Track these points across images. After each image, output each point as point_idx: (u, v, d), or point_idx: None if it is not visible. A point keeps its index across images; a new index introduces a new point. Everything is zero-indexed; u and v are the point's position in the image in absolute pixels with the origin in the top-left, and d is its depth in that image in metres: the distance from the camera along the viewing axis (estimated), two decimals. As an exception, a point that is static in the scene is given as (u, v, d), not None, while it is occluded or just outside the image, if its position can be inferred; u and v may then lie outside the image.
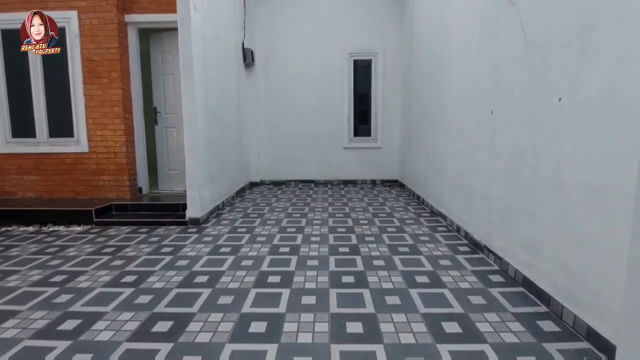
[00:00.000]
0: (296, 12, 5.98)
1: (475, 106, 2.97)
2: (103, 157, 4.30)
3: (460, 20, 3.34)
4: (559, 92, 1.90)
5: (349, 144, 6.22)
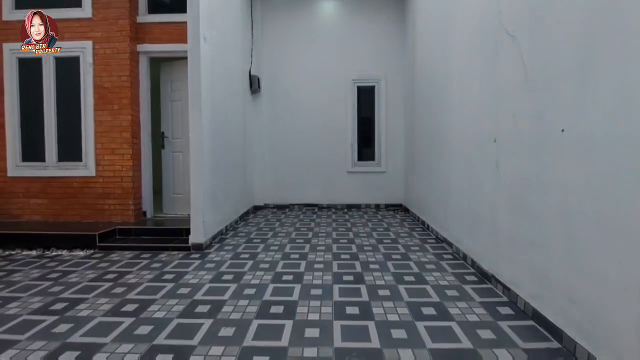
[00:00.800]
0: (301, 40, 6.19)
1: (477, 134, 3.00)
2: (109, 181, 4.35)
3: (460, 50, 3.43)
4: (561, 123, 1.91)
5: (352, 169, 6.25)
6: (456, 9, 3.53)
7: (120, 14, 4.34)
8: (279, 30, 6.21)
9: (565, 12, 1.90)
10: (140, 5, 4.58)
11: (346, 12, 6.19)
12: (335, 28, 6.20)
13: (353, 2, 6.16)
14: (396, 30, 6.11)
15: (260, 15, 6.13)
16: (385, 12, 6.13)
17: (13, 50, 4.45)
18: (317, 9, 6.21)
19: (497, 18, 2.65)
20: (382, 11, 6.14)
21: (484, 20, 2.88)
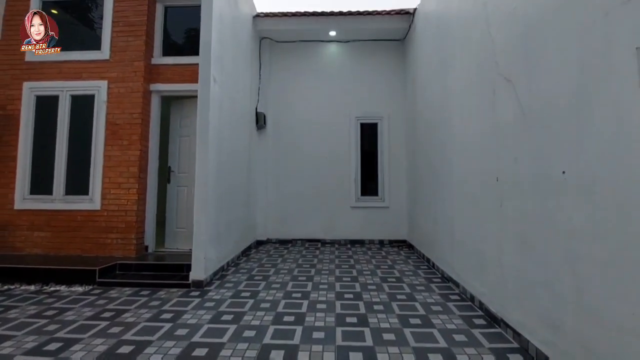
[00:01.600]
0: (307, 80, 6.46)
1: (479, 172, 3.03)
2: (114, 215, 4.37)
3: (459, 91, 3.55)
4: (562, 165, 1.94)
5: (356, 204, 6.25)
6: (454, 54, 3.71)
7: (136, 57, 4.60)
8: (286, 69, 6.51)
9: (558, 60, 1.99)
10: (156, 48, 4.87)
11: (349, 54, 6.51)
12: (339, 68, 6.50)
13: (356, 45, 6.50)
14: (397, 70, 6.39)
15: (268, 55, 6.46)
16: (387, 54, 6.45)
17: (32, 89, 4.68)
18: (322, 50, 6.55)
19: (494, 63, 2.78)
20: (384, 53, 6.46)
21: (481, 65, 3.01)
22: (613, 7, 1.60)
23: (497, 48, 2.74)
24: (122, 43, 4.64)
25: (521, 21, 2.39)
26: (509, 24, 2.55)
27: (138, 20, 4.66)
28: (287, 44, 6.53)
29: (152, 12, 4.83)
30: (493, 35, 2.81)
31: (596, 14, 1.70)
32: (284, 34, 6.31)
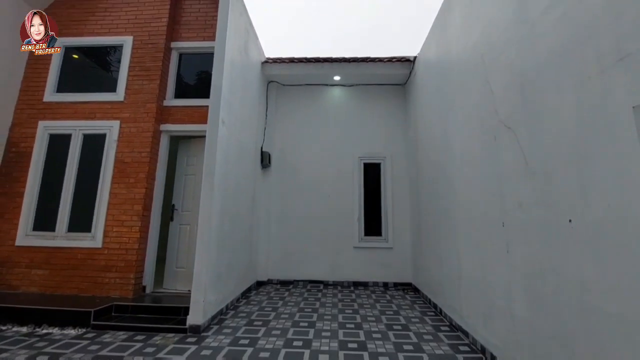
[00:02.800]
0: (311, 120, 6.66)
1: (484, 216, 3.01)
2: (114, 254, 4.32)
3: (461, 135, 3.63)
4: (567, 213, 1.93)
5: (359, 244, 6.15)
6: (454, 100, 3.85)
7: (149, 99, 4.81)
8: (291, 111, 6.74)
9: (556, 112, 2.06)
10: (168, 91, 5.09)
11: (353, 97, 6.77)
12: (343, 110, 6.72)
13: (359, 89, 6.77)
14: (399, 113, 6.59)
15: (274, 97, 6.73)
16: (389, 97, 6.69)
17: (47, 127, 4.85)
18: (327, 93, 6.82)
19: (493, 110, 2.87)
20: (386, 96, 6.70)
21: (481, 111, 3.11)
22: (607, 66, 1.68)
23: (496, 96, 2.84)
24: (137, 86, 4.88)
25: (518, 73, 2.50)
26: (507, 75, 2.67)
27: (154, 66, 4.93)
28: (293, 87, 6.82)
29: (168, 58, 5.12)
30: (492, 85, 2.93)
31: (591, 70, 1.79)
32: (290, 78, 6.61)
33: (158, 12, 5.15)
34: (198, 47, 5.21)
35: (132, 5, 5.22)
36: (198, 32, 5.25)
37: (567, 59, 1.97)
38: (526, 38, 2.40)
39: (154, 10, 5.16)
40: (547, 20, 2.16)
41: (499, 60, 2.81)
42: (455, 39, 3.89)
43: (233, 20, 4.37)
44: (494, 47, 2.89)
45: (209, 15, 5.24)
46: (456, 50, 3.84)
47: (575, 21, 1.91)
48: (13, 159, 4.73)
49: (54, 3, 5.35)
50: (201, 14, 5.30)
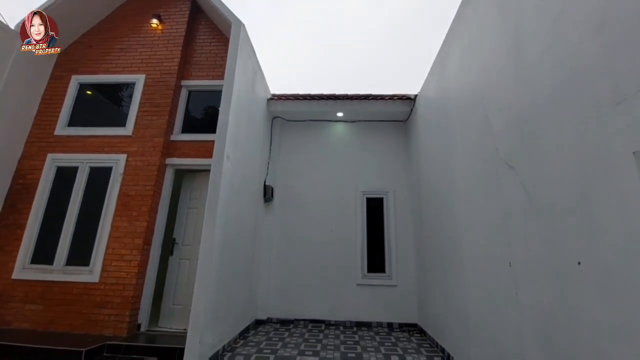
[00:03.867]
0: (314, 155, 6.75)
1: (490, 255, 2.94)
2: (111, 289, 4.21)
3: (463, 172, 3.64)
4: (576, 255, 1.88)
5: (362, 281, 5.97)
6: (455, 137, 3.91)
7: (157, 133, 4.94)
8: (295, 145, 6.86)
9: (557, 153, 2.07)
10: (176, 126, 5.24)
11: (356, 132, 6.90)
12: (345, 145, 6.83)
13: (361, 124, 6.93)
14: (401, 148, 6.68)
15: (279, 132, 6.88)
16: (391, 133, 6.81)
17: (55, 159, 4.95)
18: (330, 129, 6.97)
19: (494, 149, 2.90)
20: (388, 132, 6.83)
21: (482, 150, 3.15)
22: (605, 109, 1.72)
23: (497, 135, 2.89)
24: (146, 121, 5.03)
25: (517, 114, 2.56)
26: (506, 115, 2.73)
27: (163, 102, 5.12)
28: (297, 123, 6.99)
29: (177, 95, 5.32)
30: (491, 123, 2.99)
31: (590, 113, 1.83)
32: (294, 114, 6.80)
33: (171, 52, 5.44)
34: (207, 85, 5.43)
35: (146, 46, 5.52)
36: (207, 71, 5.49)
37: (565, 101, 2.02)
38: (523, 80, 2.48)
39: (167, 51, 5.45)
40: (543, 65, 2.25)
41: (497, 100, 2.89)
42: (454, 79, 4.03)
43: (241, 62, 4.58)
44: (492, 88, 2.99)
45: (219, 56, 5.51)
46: (455, 89, 3.96)
47: (571, 66, 1.99)
48: (19, 190, 4.77)
49: (73, 43, 5.68)
50: (211, 55, 5.58)
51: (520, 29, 2.56)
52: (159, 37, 5.57)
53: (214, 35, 5.72)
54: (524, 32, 2.50)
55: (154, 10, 5.68)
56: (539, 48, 2.30)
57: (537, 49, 2.33)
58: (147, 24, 5.64)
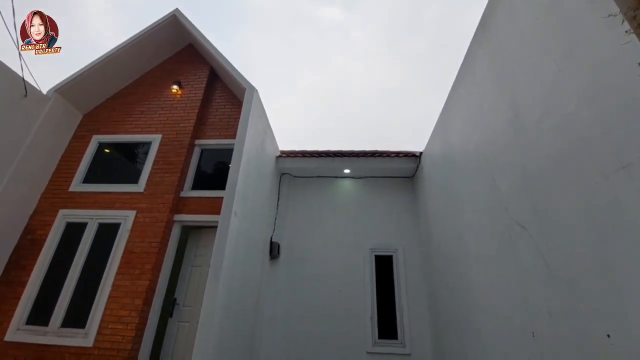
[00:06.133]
0: (322, 212, 6.73)
1: (510, 323, 2.73)
2: (104, 355, 3.95)
3: (473, 232, 3.55)
4: (604, 326, 1.74)
5: (373, 349, 5.52)
6: (462, 196, 3.90)
7: (168, 190, 5.04)
8: (302, 201, 6.88)
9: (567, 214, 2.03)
10: (187, 183, 5.36)
11: (363, 189, 6.95)
12: (353, 202, 6.83)
13: (368, 181, 7.00)
14: (409, 204, 6.64)
15: (286, 188, 6.96)
16: (398, 190, 6.83)
17: (66, 215, 5.01)
18: (337, 185, 7.04)
19: (503, 208, 2.86)
20: (395, 188, 6.86)
21: (491, 209, 3.11)
22: (611, 173, 1.72)
23: (504, 194, 2.87)
24: (158, 178, 5.17)
25: (522, 175, 2.57)
26: (511, 175, 2.74)
27: (176, 160, 5.31)
28: (304, 179, 7.11)
29: (190, 154, 5.53)
30: (498, 183, 2.99)
31: (596, 176, 1.82)
32: (302, 171, 6.95)
33: (187, 114, 5.79)
34: (219, 144, 5.67)
35: (165, 109, 5.91)
36: (220, 131, 5.77)
37: (569, 164, 2.04)
38: (525, 143, 2.53)
39: (184, 113, 5.80)
40: (542, 130, 2.31)
41: (502, 161, 2.93)
42: (457, 138, 4.14)
43: (253, 123, 4.83)
44: (496, 149, 3.04)
45: (232, 117, 5.83)
46: (460, 148, 4.05)
47: (569, 132, 2.04)
48: (25, 246, 4.77)
49: (98, 106, 6.11)
50: (225, 116, 5.92)
51: (516, 97, 2.69)
52: (177, 100, 5.98)
53: (228, 98, 6.12)
54: (520, 101, 2.62)
55: (176, 77, 6.18)
56: (536, 116, 2.39)
57: (534, 117, 2.42)
58: (167, 89, 6.10)
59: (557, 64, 2.18)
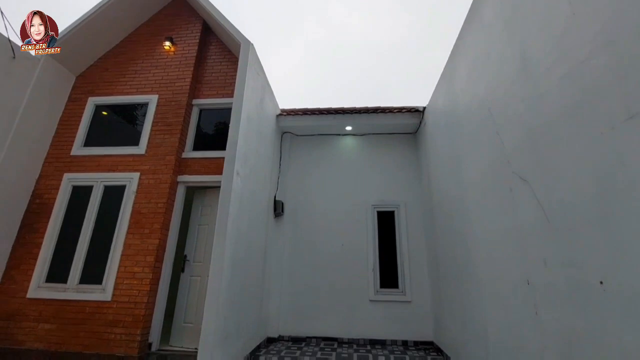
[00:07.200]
0: (324, 169, 6.75)
1: (507, 272, 2.84)
2: (122, 308, 4.22)
3: (475, 187, 3.57)
4: (598, 274, 1.80)
5: (375, 297, 5.84)
6: (465, 150, 3.85)
7: (169, 152, 5.03)
8: (305, 160, 6.88)
9: (571, 166, 2.01)
10: (187, 144, 5.33)
11: (365, 146, 6.89)
12: (355, 159, 6.81)
13: (371, 138, 6.92)
14: (412, 161, 6.62)
15: (288, 147, 6.92)
16: (401, 146, 6.78)
17: (71, 179, 5.07)
18: (339, 143, 6.98)
19: (506, 162, 2.84)
20: (398, 145, 6.80)
21: (493, 162, 3.08)
22: (618, 123, 1.67)
23: (507, 149, 2.83)
24: (159, 140, 5.14)
25: (527, 127, 2.51)
26: (516, 128, 2.68)
27: (175, 121, 5.23)
28: (306, 137, 7.03)
29: (188, 114, 5.44)
30: (502, 137, 2.94)
31: (603, 126, 1.77)
32: (304, 129, 6.85)
33: (182, 73, 5.59)
34: (217, 103, 5.54)
35: (159, 67, 5.70)
36: (218, 90, 5.61)
37: (577, 115, 1.97)
38: (532, 94, 2.44)
39: (179, 72, 5.61)
40: (552, 79, 2.21)
41: (507, 114, 2.85)
42: (461, 92, 4.00)
43: (250, 80, 4.67)
44: (501, 101, 2.95)
45: (229, 75, 5.64)
46: (464, 103, 3.93)
47: (580, 80, 1.95)
48: (35, 210, 4.89)
49: (90, 67, 5.90)
50: (221, 74, 5.72)
51: (526, 43, 2.53)
52: (171, 58, 5.74)
53: (224, 55, 5.87)
54: (530, 48, 2.48)
55: (167, 33, 5.88)
56: (546, 64, 2.27)
57: (543, 65, 2.30)
58: (160, 46, 5.84)
59: (572, 6, 2.02)
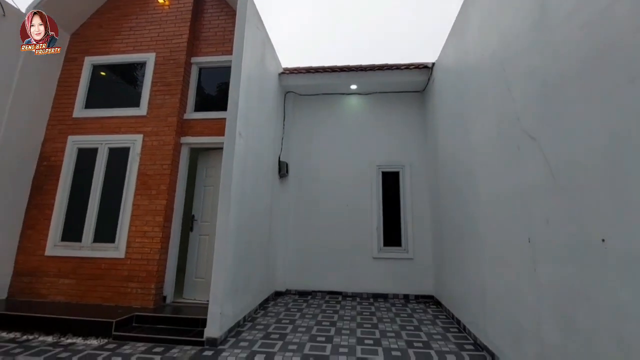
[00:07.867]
0: (329, 129, 6.65)
1: (509, 231, 2.86)
2: (136, 264, 4.43)
3: (482, 144, 3.49)
4: (600, 232, 1.79)
5: (378, 254, 6.02)
6: (474, 107, 3.72)
7: (171, 112, 4.96)
8: (309, 120, 6.76)
9: (583, 123, 1.93)
10: (189, 105, 5.23)
11: (370, 105, 6.71)
12: (360, 119, 6.67)
13: (376, 96, 6.71)
14: (418, 120, 6.47)
15: (292, 107, 6.77)
16: (407, 105, 6.58)
17: (75, 141, 5.08)
18: (344, 102, 6.80)
19: (515, 119, 2.74)
20: (404, 104, 6.60)
21: (502, 120, 2.98)
22: (637, 75, 1.56)
23: (518, 105, 2.72)
24: (159, 101, 5.04)
25: (541, 81, 2.38)
26: (528, 83, 2.55)
27: (175, 81, 5.09)
28: (310, 97, 6.85)
29: (188, 73, 5.27)
30: (513, 93, 2.81)
31: (621, 79, 1.67)
32: (307, 88, 6.64)
33: (179, 29, 5.33)
34: (217, 61, 5.34)
35: (154, 23, 5.43)
36: (217, 47, 5.38)
37: (595, 66, 1.85)
38: (548, 45, 2.28)
39: (175, 28, 5.35)
40: (570, 28, 2.05)
41: (519, 68, 2.69)
42: (473, 46, 3.78)
43: (249, 35, 4.44)
44: (514, 54, 2.78)
45: (227, 30, 5.37)
46: (474, 57, 3.73)
47: (600, 29, 1.80)
48: (44, 172, 4.98)
49: (84, 24, 5.65)
50: (220, 30, 5.44)
51: (548, -15, 2.32)
52: (166, 13, 5.45)
53: (221, 8, 5.54)
54: (552, -11, 2.27)
55: (160, -15, 5.52)
56: (564, 12, 2.09)
57: (562, 13, 2.12)
58: (154, 0, 5.52)
59: (602, -61, 1.81)
